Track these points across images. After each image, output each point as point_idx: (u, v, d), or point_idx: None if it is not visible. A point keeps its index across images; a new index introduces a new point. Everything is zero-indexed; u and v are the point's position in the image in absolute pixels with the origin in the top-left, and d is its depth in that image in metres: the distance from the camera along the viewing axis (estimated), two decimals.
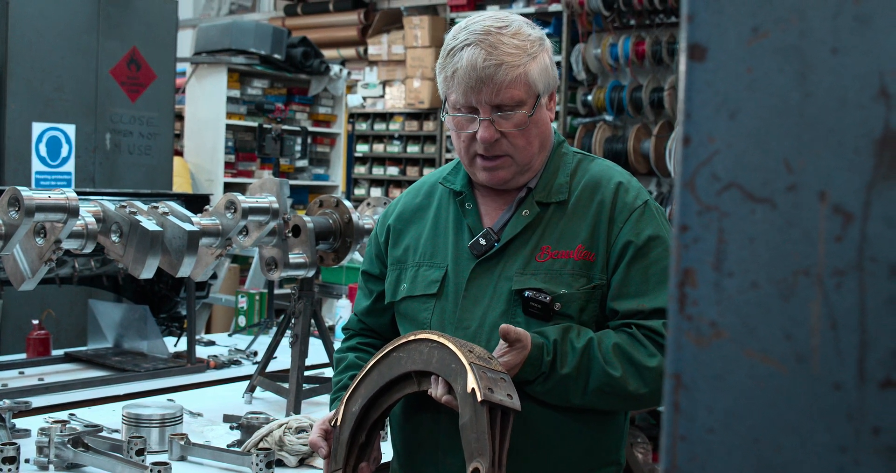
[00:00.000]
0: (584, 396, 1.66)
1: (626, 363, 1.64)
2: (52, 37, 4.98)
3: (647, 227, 1.72)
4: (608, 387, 1.65)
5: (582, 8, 6.21)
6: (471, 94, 1.69)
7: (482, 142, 1.71)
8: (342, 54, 9.45)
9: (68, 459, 2.18)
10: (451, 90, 1.73)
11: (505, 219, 1.79)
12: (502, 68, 1.68)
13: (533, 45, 1.73)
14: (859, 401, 0.60)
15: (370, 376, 1.73)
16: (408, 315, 1.84)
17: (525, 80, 1.70)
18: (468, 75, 1.68)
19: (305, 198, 7.33)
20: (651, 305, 1.68)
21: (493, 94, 1.69)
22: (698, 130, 0.62)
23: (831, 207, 0.60)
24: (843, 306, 0.60)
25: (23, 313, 4.48)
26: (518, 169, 1.76)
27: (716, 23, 0.62)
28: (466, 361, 1.54)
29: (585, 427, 1.74)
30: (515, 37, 1.71)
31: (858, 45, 0.59)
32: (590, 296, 1.71)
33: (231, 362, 3.48)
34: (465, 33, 1.72)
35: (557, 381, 1.65)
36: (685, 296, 0.63)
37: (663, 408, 0.65)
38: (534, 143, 1.75)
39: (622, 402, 1.69)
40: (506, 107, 1.70)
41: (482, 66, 1.67)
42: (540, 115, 1.75)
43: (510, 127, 1.71)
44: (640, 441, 4.07)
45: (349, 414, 1.75)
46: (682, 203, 0.63)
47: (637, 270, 1.70)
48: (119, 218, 2.39)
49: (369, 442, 1.77)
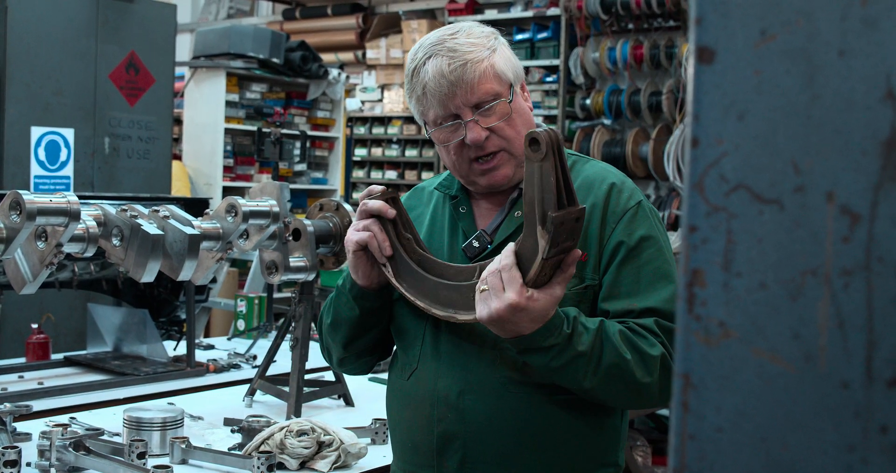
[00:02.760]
0: (595, 376, 1.62)
1: (632, 350, 1.63)
2: (50, 41, 4.98)
3: (640, 228, 1.72)
4: (618, 370, 1.62)
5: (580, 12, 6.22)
6: (447, 101, 1.71)
7: (473, 143, 1.72)
8: (340, 58, 9.46)
9: (70, 462, 2.18)
10: (429, 107, 1.74)
11: (498, 221, 1.80)
12: (469, 66, 1.70)
13: (488, 39, 1.75)
14: (867, 400, 0.61)
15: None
16: (404, 316, 1.85)
17: (493, 71, 1.72)
18: (439, 84, 1.70)
19: (304, 202, 7.33)
20: (642, 305, 1.68)
21: (468, 94, 1.70)
22: (707, 131, 0.63)
23: (839, 207, 0.60)
24: (851, 305, 0.61)
25: (22, 317, 4.49)
26: (517, 161, 1.76)
27: (723, 26, 0.62)
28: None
29: (582, 428, 1.74)
30: (470, 36, 1.74)
31: (865, 47, 0.59)
32: (581, 296, 1.71)
33: (230, 365, 3.48)
34: (421, 50, 1.75)
35: (571, 358, 1.61)
36: (694, 296, 0.64)
37: (672, 407, 0.66)
38: (522, 131, 1.75)
39: (626, 390, 1.65)
40: (484, 103, 1.72)
41: (449, 70, 1.70)
42: (518, 103, 1.77)
43: (495, 120, 1.72)
44: (639, 444, 4.08)
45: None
46: (691, 204, 0.63)
47: (628, 270, 1.70)
48: (120, 222, 2.40)
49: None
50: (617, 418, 1.80)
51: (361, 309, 1.82)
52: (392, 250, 1.77)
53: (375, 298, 1.82)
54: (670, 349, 1.65)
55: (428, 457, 1.77)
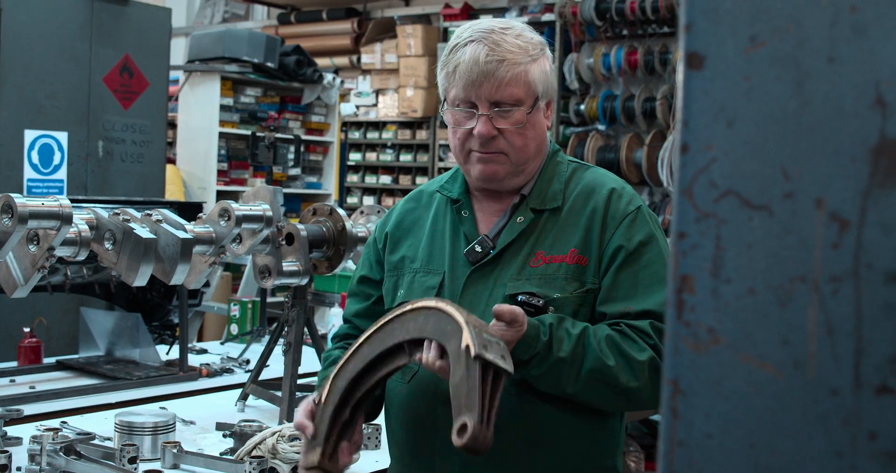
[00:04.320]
0: (577, 382, 1.64)
1: (618, 355, 1.64)
2: (44, 44, 4.97)
3: (639, 232, 1.74)
4: (600, 375, 1.63)
5: (575, 18, 6.23)
6: (471, 89, 1.72)
7: (479, 137, 1.73)
8: (335, 63, 9.46)
9: (60, 467, 2.17)
10: (452, 85, 1.76)
11: (500, 226, 1.80)
12: (504, 65, 1.71)
13: (535, 48, 1.77)
14: (856, 406, 0.61)
15: (361, 350, 1.69)
16: None
17: (525, 79, 1.73)
18: (470, 70, 1.72)
19: (298, 206, 7.33)
20: (638, 307, 1.69)
21: (493, 89, 1.72)
22: (696, 137, 0.63)
23: (828, 214, 0.60)
24: (840, 312, 0.61)
25: (14, 320, 4.47)
26: (512, 169, 1.77)
27: (713, 32, 0.62)
28: (463, 319, 1.51)
29: (580, 430, 1.74)
30: (518, 38, 1.75)
31: (855, 54, 0.60)
32: (582, 300, 1.72)
33: (223, 370, 3.47)
34: (469, 32, 1.77)
35: (552, 364, 1.63)
36: (683, 302, 0.64)
37: (661, 413, 0.66)
38: (530, 145, 1.76)
39: (613, 395, 1.67)
40: (504, 104, 1.73)
41: (484, 61, 1.71)
42: (537, 117, 1.78)
43: (508, 124, 1.73)
44: (632, 450, 4.07)
45: (335, 390, 1.71)
46: (681, 210, 0.63)
47: (627, 274, 1.71)
48: (112, 225, 2.39)
49: (353, 421, 1.73)
50: (615, 421, 1.80)
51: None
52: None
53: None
54: (664, 352, 1.64)
55: (428, 460, 1.77)
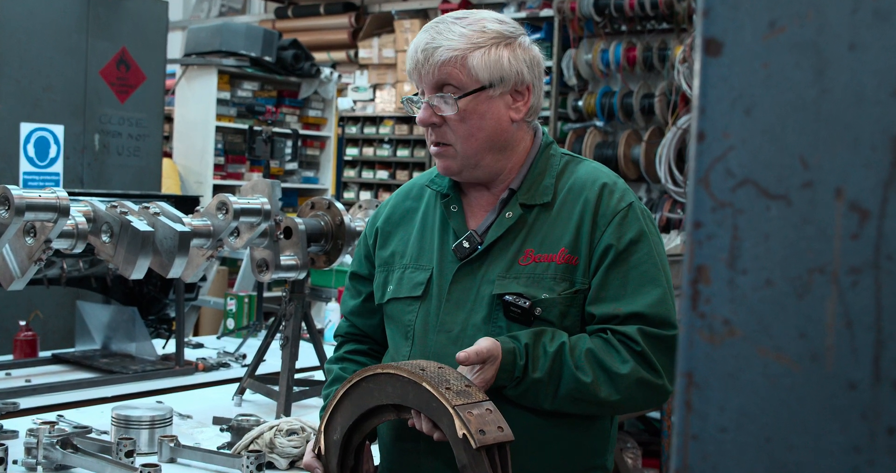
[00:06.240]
0: (554, 401, 1.65)
1: (597, 370, 1.63)
2: (41, 37, 4.95)
3: (630, 230, 1.69)
4: (578, 393, 1.64)
5: (573, 13, 6.22)
6: (413, 75, 1.76)
7: (419, 123, 1.76)
8: (333, 57, 9.44)
9: (57, 460, 2.16)
10: (408, 77, 1.80)
11: (489, 221, 1.77)
12: (439, 51, 1.70)
13: (485, 35, 1.71)
14: (874, 401, 0.59)
15: (343, 405, 1.71)
16: (393, 317, 1.83)
17: (462, 63, 1.69)
18: (411, 58, 1.75)
19: (295, 201, 7.31)
20: (627, 309, 1.66)
21: (428, 73, 1.72)
22: (713, 125, 0.62)
23: (847, 204, 0.59)
24: (859, 304, 0.59)
25: (10, 314, 4.45)
26: (463, 162, 1.74)
27: (732, 17, 0.61)
28: (449, 404, 1.52)
29: (568, 430, 1.72)
30: (467, 27, 1.72)
31: (876, 40, 0.58)
32: (571, 301, 1.69)
33: (220, 364, 3.46)
34: (428, 24, 1.79)
35: (529, 385, 1.64)
36: (698, 293, 0.62)
37: (675, 407, 0.65)
38: (476, 135, 1.72)
39: (595, 408, 1.68)
40: (444, 90, 1.72)
41: (423, 48, 1.72)
42: (485, 107, 1.72)
43: (446, 111, 1.72)
44: (629, 446, 4.07)
45: (332, 443, 1.75)
46: (696, 199, 0.62)
47: (616, 274, 1.68)
48: (110, 218, 2.37)
49: (358, 464, 1.77)
50: (606, 421, 1.79)
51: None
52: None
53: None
54: (652, 358, 1.64)
55: (414, 462, 1.76)
